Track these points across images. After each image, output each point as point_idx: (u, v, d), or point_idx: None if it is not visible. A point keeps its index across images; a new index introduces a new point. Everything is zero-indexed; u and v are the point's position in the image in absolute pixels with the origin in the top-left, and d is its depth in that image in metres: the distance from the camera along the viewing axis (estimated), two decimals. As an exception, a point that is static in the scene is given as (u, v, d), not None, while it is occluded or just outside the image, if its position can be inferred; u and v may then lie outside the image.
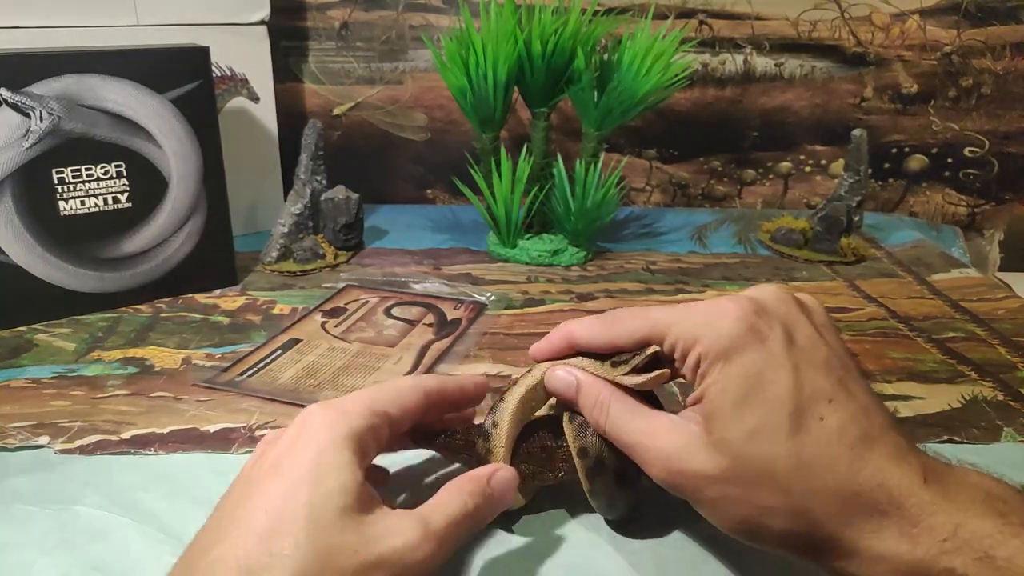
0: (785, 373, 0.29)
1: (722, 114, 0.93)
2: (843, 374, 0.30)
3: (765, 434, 0.29)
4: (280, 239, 0.72)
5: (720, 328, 0.30)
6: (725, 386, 0.30)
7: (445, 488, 0.33)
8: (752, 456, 0.29)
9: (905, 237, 0.84)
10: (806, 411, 0.29)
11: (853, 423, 0.29)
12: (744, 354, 0.30)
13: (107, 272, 0.61)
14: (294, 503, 0.28)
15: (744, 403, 0.29)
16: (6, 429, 0.45)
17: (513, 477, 0.35)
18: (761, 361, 0.29)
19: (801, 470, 0.28)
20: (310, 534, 0.27)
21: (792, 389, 0.29)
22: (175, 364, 0.54)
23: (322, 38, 0.90)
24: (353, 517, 0.28)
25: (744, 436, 0.29)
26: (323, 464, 0.29)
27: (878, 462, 0.28)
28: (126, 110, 0.58)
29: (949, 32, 0.89)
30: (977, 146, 0.93)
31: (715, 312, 0.31)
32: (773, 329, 0.30)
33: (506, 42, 0.68)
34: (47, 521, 0.38)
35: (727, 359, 0.30)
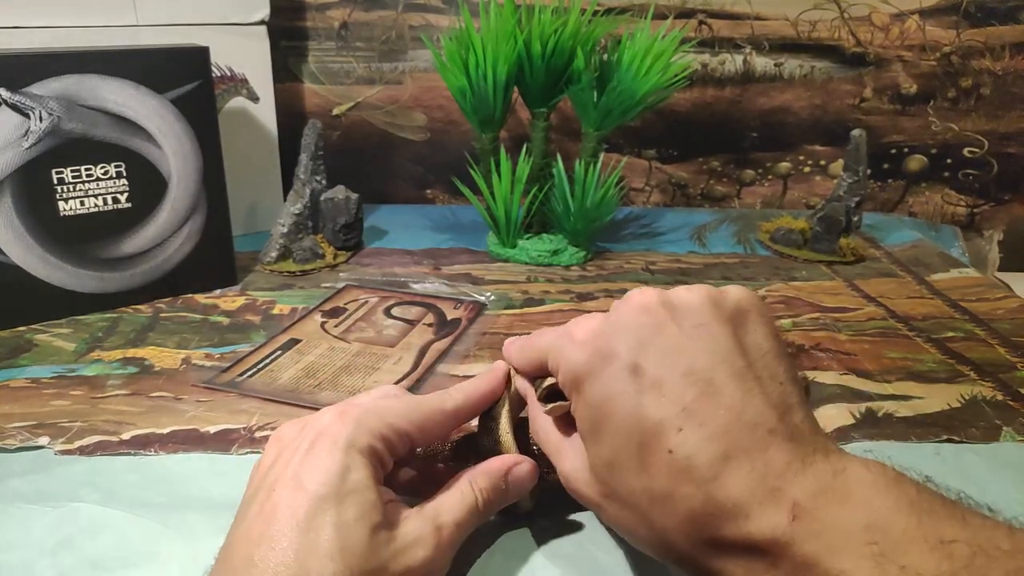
0: (626, 403, 0.28)
1: (721, 114, 0.93)
2: (703, 390, 0.27)
3: (619, 467, 0.28)
4: (280, 239, 0.72)
5: (570, 356, 0.31)
6: (580, 416, 0.30)
7: (456, 482, 0.33)
8: (616, 486, 0.29)
9: (904, 237, 0.84)
10: (651, 445, 0.27)
11: (703, 456, 0.26)
12: (591, 383, 0.29)
13: (107, 272, 0.61)
14: (322, 524, 0.27)
15: (597, 435, 0.29)
16: (6, 429, 0.45)
17: (533, 470, 0.35)
18: (604, 390, 0.29)
19: (656, 504, 0.27)
20: (344, 558, 0.27)
21: (634, 421, 0.27)
22: (175, 364, 0.54)
23: (322, 38, 0.90)
24: (380, 536, 0.28)
25: (605, 467, 0.29)
26: (347, 483, 0.29)
27: (739, 501, 0.25)
28: (126, 110, 0.58)
29: (948, 32, 0.89)
30: (976, 146, 0.93)
31: (569, 338, 0.31)
32: (617, 352, 0.29)
33: (506, 42, 0.68)
34: (47, 520, 0.38)
35: (578, 389, 0.30)
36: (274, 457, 0.31)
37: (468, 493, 0.32)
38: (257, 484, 0.30)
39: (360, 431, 0.30)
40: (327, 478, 0.28)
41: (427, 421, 0.34)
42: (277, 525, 0.27)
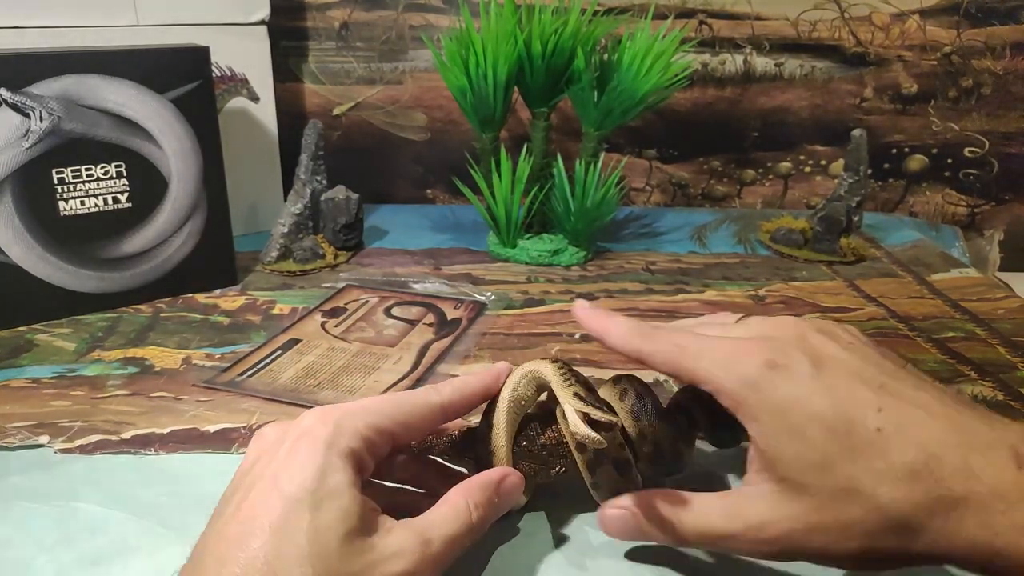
0: (821, 396, 0.29)
1: (722, 114, 0.93)
2: (884, 381, 0.29)
3: (830, 462, 0.28)
4: (280, 239, 0.72)
5: (741, 372, 0.30)
6: (769, 432, 0.29)
7: (449, 498, 0.32)
8: (830, 486, 0.28)
9: (905, 237, 0.84)
10: (858, 427, 0.28)
11: (912, 424, 0.28)
12: (774, 393, 0.29)
13: (107, 272, 0.61)
14: (296, 528, 0.27)
15: (795, 440, 0.29)
16: (6, 429, 0.45)
17: (521, 482, 0.35)
18: (793, 393, 0.29)
19: (882, 481, 0.27)
20: (315, 564, 0.27)
21: (835, 409, 0.28)
22: (175, 364, 0.54)
23: (322, 38, 0.90)
24: (356, 543, 0.28)
25: (814, 470, 0.28)
26: (324, 486, 0.28)
27: (957, 456, 0.27)
28: (126, 110, 0.58)
29: (949, 32, 0.89)
30: (977, 146, 0.93)
31: (735, 353, 0.31)
32: (795, 360, 0.30)
33: (506, 42, 0.68)
34: (47, 518, 0.38)
35: (759, 405, 0.30)
36: (255, 457, 0.31)
37: (462, 509, 0.32)
38: (236, 484, 0.30)
39: (341, 433, 0.30)
40: (304, 480, 0.28)
41: (411, 417, 0.33)
42: (251, 525, 0.27)
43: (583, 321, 0.36)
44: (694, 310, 0.64)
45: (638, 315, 0.63)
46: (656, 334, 0.34)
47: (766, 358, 0.30)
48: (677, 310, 0.64)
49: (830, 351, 0.30)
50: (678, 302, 0.66)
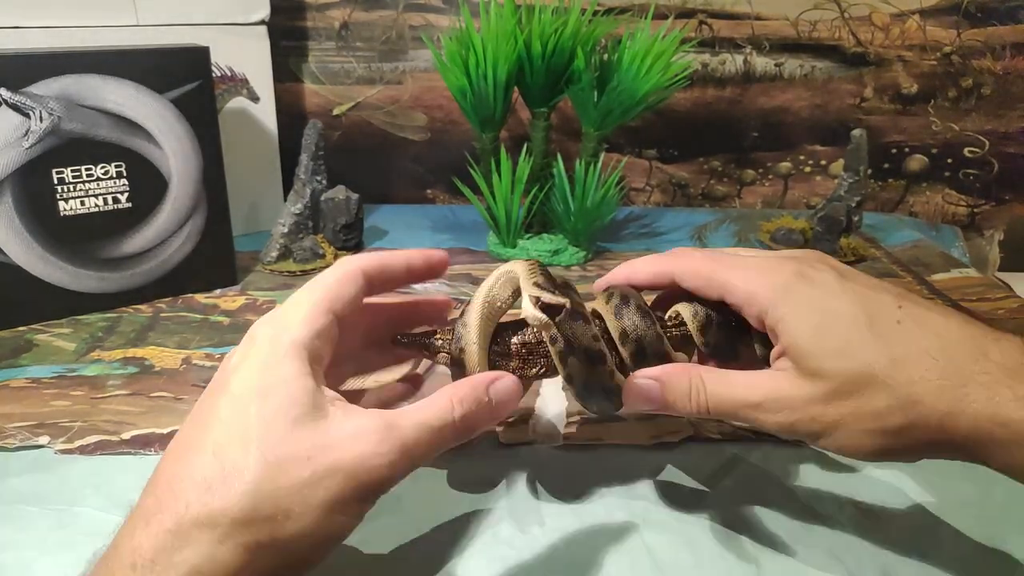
0: (847, 296, 0.32)
1: (722, 114, 0.93)
2: (901, 291, 0.33)
3: (851, 349, 0.30)
4: (280, 239, 0.72)
5: (774, 281, 0.33)
6: (796, 324, 0.32)
7: (435, 393, 0.32)
8: (847, 370, 0.30)
9: (905, 237, 0.84)
10: (880, 319, 0.31)
11: (929, 320, 0.31)
12: (803, 294, 0.32)
13: (107, 272, 0.61)
14: (244, 418, 0.28)
15: (819, 331, 0.31)
16: (6, 429, 0.45)
17: (516, 387, 0.34)
18: (820, 294, 0.32)
19: (897, 365, 0.30)
20: (261, 447, 0.27)
21: (858, 306, 0.31)
22: (175, 364, 0.54)
23: (322, 38, 0.90)
24: (306, 426, 0.28)
25: (833, 356, 0.31)
26: (270, 378, 0.29)
27: (972, 343, 0.30)
28: (126, 110, 0.58)
29: (949, 32, 0.89)
30: (977, 146, 0.93)
31: (767, 266, 0.34)
32: (821, 272, 0.33)
33: (506, 42, 0.68)
34: (47, 521, 0.38)
35: (788, 304, 0.32)
36: (215, 376, 0.31)
37: (443, 401, 0.31)
38: (197, 402, 0.31)
39: (285, 328, 0.31)
40: (249, 378, 0.29)
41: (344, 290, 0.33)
42: (200, 426, 0.29)
43: (606, 281, 0.38)
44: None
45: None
46: (684, 253, 0.37)
47: (796, 269, 0.33)
48: (677, 310, 0.64)
49: (851, 270, 0.34)
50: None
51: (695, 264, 0.36)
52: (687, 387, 0.34)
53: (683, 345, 0.37)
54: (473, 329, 0.35)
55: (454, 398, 0.31)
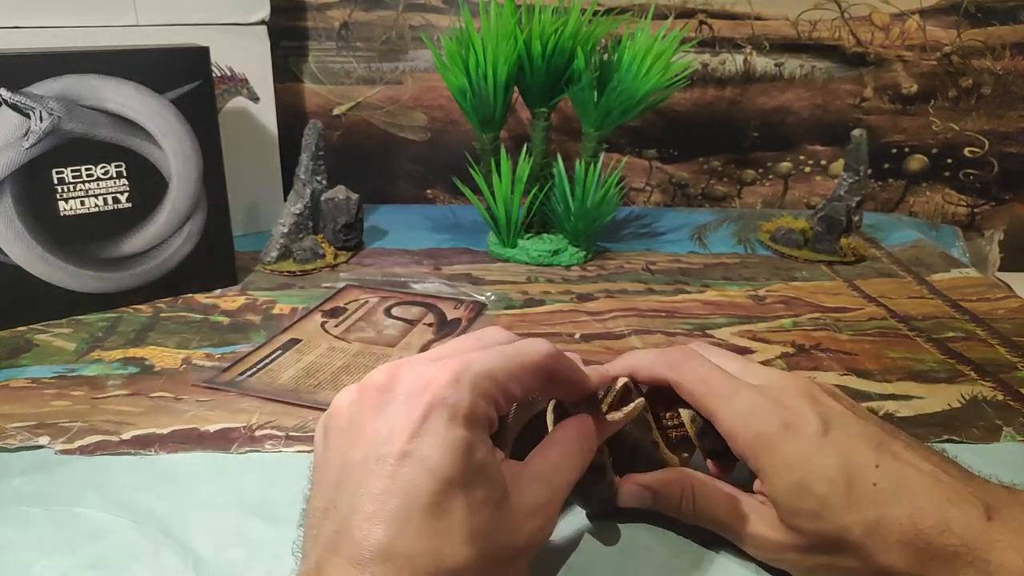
0: (829, 455, 0.32)
1: (722, 114, 0.93)
2: (881, 439, 0.33)
3: (828, 512, 0.31)
4: (280, 239, 0.72)
5: (759, 430, 0.33)
6: (776, 480, 0.32)
7: (566, 440, 0.32)
8: (825, 532, 0.31)
9: (905, 237, 0.84)
10: (857, 482, 0.31)
11: (904, 480, 0.31)
12: (786, 449, 0.32)
13: (107, 272, 0.61)
14: (453, 508, 0.25)
15: (798, 491, 0.32)
16: (6, 429, 0.45)
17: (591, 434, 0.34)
18: (804, 450, 0.32)
19: (871, 535, 0.30)
20: (477, 542, 0.26)
21: (839, 467, 0.31)
22: (175, 364, 0.54)
23: (322, 38, 0.90)
24: (505, 511, 0.27)
25: (810, 517, 0.32)
26: (474, 461, 0.26)
27: (938, 510, 0.30)
28: (126, 110, 0.58)
29: (949, 32, 0.89)
30: (977, 146, 0.93)
31: (754, 411, 0.34)
32: (807, 420, 0.33)
33: (506, 42, 0.68)
34: (47, 521, 0.38)
35: (771, 458, 0.33)
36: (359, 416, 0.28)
37: (577, 451, 0.32)
38: (363, 450, 0.26)
39: (477, 399, 0.27)
40: (454, 459, 0.26)
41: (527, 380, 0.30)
42: (405, 508, 0.25)
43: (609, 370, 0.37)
44: (694, 310, 0.64)
45: (638, 315, 0.63)
46: (683, 364, 0.36)
47: (782, 420, 0.33)
48: (677, 310, 0.64)
49: (838, 410, 0.34)
50: (678, 302, 0.66)
51: (688, 382, 0.36)
52: (677, 496, 0.36)
53: (680, 445, 0.37)
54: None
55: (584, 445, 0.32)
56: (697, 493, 0.36)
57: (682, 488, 0.36)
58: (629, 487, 0.36)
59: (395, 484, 0.25)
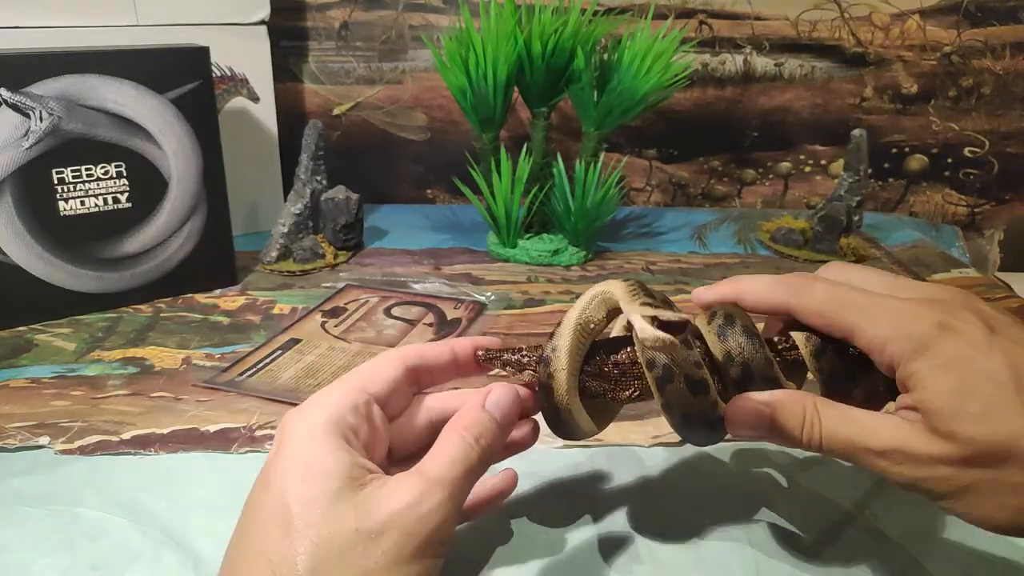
0: (996, 355, 0.28)
1: (722, 114, 0.93)
2: None
3: (995, 414, 0.27)
4: (280, 239, 0.72)
5: (912, 329, 0.29)
6: (933, 382, 0.28)
7: (441, 434, 0.31)
8: (989, 437, 0.27)
9: (905, 237, 0.84)
10: None
11: None
12: (944, 349, 0.28)
13: (107, 272, 0.61)
14: (283, 508, 0.27)
15: (960, 392, 0.28)
16: (6, 429, 0.45)
17: (508, 393, 0.33)
18: (966, 349, 0.28)
19: None
20: (306, 531, 0.26)
21: (1007, 366, 0.28)
22: (175, 364, 0.54)
23: (322, 38, 0.90)
24: (344, 497, 0.27)
25: (974, 421, 0.27)
26: (305, 459, 0.28)
27: None
28: (126, 110, 0.58)
29: (949, 32, 0.89)
30: (977, 146, 0.93)
31: (904, 313, 0.30)
32: (967, 322, 0.29)
33: (506, 42, 0.68)
34: (47, 521, 0.38)
35: (926, 359, 0.29)
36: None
37: (452, 435, 0.30)
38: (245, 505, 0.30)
39: (317, 409, 0.30)
40: (288, 466, 0.28)
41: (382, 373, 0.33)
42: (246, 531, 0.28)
43: (709, 296, 0.35)
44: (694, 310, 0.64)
45: (638, 315, 0.63)
46: (806, 285, 0.32)
47: (938, 319, 0.29)
48: (677, 310, 0.64)
49: (1001, 317, 0.30)
50: (678, 302, 0.66)
51: (818, 300, 0.32)
52: (801, 416, 0.31)
53: (793, 372, 0.34)
54: (564, 354, 0.33)
55: (460, 428, 0.31)
56: (823, 412, 0.31)
57: (805, 405, 0.31)
58: (743, 405, 0.32)
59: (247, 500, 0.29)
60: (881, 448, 0.29)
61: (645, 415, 0.48)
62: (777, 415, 0.31)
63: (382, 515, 0.27)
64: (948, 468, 0.28)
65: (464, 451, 0.30)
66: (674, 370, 0.31)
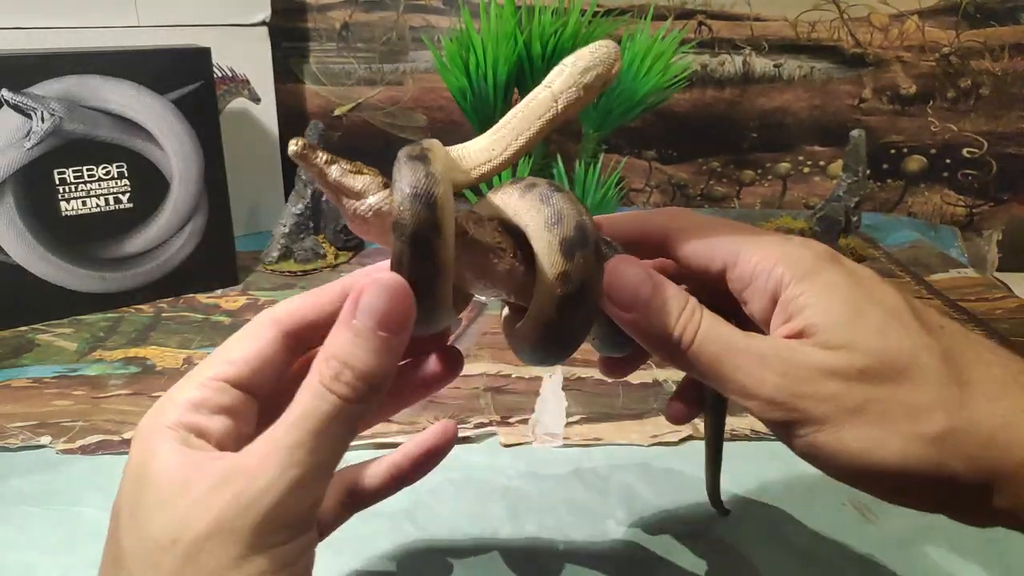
0: (886, 287, 0.26)
1: (721, 115, 0.93)
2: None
3: (893, 330, 0.24)
4: (281, 239, 0.72)
5: (801, 254, 0.26)
6: (826, 299, 0.25)
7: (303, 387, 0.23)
8: (887, 349, 0.24)
9: (903, 237, 0.84)
10: (924, 317, 0.25)
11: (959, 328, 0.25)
12: (834, 273, 0.25)
13: (109, 272, 0.61)
14: (115, 545, 0.23)
15: (856, 309, 0.24)
16: (8, 429, 0.45)
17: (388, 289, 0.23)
18: (855, 278, 0.25)
19: (948, 362, 0.24)
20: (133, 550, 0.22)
21: (899, 298, 0.25)
22: (176, 364, 0.54)
23: (323, 39, 0.90)
24: (168, 506, 0.22)
25: (872, 333, 0.24)
26: (137, 485, 0.24)
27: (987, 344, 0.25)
28: (127, 111, 0.58)
29: (948, 33, 0.89)
30: (975, 147, 0.94)
31: (790, 243, 0.27)
32: (847, 262, 0.27)
33: (506, 43, 0.68)
34: (49, 521, 0.38)
35: (816, 281, 0.25)
36: None
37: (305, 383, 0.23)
38: None
39: (157, 416, 0.25)
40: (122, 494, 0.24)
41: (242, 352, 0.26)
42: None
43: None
44: (693, 310, 0.64)
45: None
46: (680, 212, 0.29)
47: (827, 251, 0.26)
48: (676, 310, 0.64)
49: None
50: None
51: (696, 225, 0.28)
52: (681, 306, 0.25)
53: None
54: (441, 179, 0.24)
55: (315, 364, 0.23)
56: (703, 311, 0.26)
57: (688, 298, 0.26)
58: (626, 270, 0.26)
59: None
60: (761, 353, 0.24)
61: (644, 415, 0.48)
62: (658, 294, 0.25)
63: (205, 519, 0.22)
64: (837, 383, 0.24)
65: (311, 400, 0.22)
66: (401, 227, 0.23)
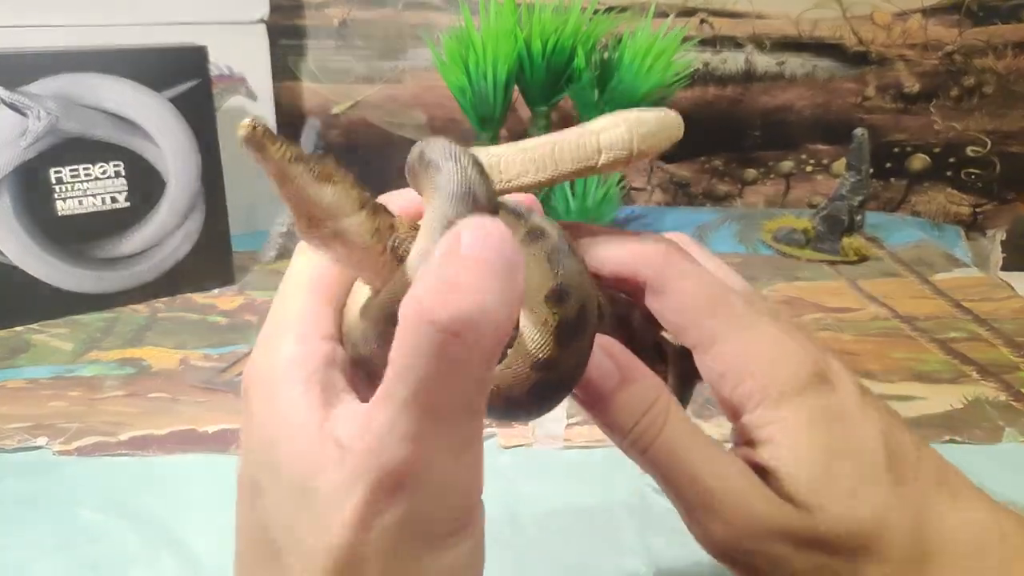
0: (870, 420, 0.23)
1: (723, 113, 0.93)
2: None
3: (867, 490, 0.22)
4: (279, 238, 0.72)
5: (785, 366, 0.23)
6: (801, 436, 0.23)
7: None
8: (856, 518, 0.22)
9: (907, 237, 0.84)
10: (900, 463, 0.23)
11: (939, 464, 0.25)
12: (815, 402, 0.23)
13: (105, 272, 0.61)
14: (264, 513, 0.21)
15: (832, 456, 0.23)
16: (4, 430, 0.45)
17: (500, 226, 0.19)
18: (840, 406, 0.23)
19: (916, 530, 0.23)
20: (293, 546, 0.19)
21: (880, 436, 0.23)
22: (173, 364, 0.53)
23: (321, 36, 0.89)
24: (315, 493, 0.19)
25: (844, 494, 0.22)
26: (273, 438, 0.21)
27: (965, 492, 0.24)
28: (124, 109, 0.58)
29: (951, 31, 0.88)
30: (979, 145, 0.93)
31: (782, 348, 0.24)
32: (841, 375, 0.24)
33: (506, 41, 0.68)
34: (45, 523, 0.38)
35: (793, 406, 0.23)
36: None
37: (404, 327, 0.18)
38: None
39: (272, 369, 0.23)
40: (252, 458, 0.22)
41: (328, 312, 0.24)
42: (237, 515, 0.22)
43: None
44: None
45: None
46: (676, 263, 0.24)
47: (816, 369, 0.24)
48: (678, 310, 0.64)
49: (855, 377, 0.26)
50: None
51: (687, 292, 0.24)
52: (647, 405, 0.23)
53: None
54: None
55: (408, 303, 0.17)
56: (673, 415, 0.23)
57: (659, 397, 0.23)
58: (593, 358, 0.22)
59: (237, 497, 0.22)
60: (716, 490, 0.22)
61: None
62: (625, 388, 0.23)
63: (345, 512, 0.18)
64: (789, 548, 0.22)
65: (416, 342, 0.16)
66: None
